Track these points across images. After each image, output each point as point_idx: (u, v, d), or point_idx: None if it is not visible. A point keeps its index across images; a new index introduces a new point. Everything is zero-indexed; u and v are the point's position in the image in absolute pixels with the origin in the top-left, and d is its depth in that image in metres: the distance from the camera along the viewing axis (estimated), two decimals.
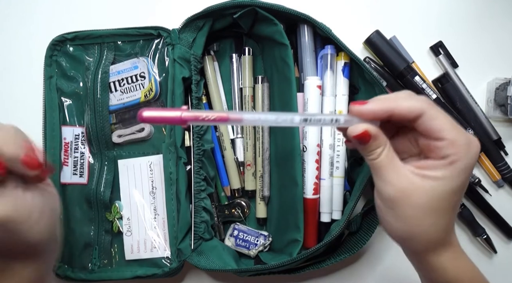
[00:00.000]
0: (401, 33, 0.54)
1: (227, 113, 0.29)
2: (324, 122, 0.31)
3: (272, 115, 0.30)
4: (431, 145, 0.30)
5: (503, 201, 0.54)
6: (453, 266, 0.32)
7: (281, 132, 0.50)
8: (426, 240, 0.31)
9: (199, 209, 0.49)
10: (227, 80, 0.54)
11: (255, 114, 0.30)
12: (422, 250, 0.32)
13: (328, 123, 0.31)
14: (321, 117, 0.31)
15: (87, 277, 0.50)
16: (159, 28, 0.50)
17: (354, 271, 0.54)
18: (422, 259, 0.32)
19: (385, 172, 0.31)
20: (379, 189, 0.31)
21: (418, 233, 0.31)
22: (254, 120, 0.30)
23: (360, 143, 0.31)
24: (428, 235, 0.31)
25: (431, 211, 0.30)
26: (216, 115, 0.28)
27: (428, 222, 0.30)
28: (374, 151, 0.31)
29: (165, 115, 0.29)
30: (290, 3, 0.48)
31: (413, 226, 0.31)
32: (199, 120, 0.28)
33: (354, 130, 0.31)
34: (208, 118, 0.28)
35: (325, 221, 0.50)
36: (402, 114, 0.30)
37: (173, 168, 0.49)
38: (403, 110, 0.30)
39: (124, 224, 0.51)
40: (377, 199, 0.33)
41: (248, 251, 0.51)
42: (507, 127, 0.55)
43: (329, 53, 0.49)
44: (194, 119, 0.28)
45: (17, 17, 0.56)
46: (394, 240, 0.34)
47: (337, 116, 0.31)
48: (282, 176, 0.51)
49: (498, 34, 0.55)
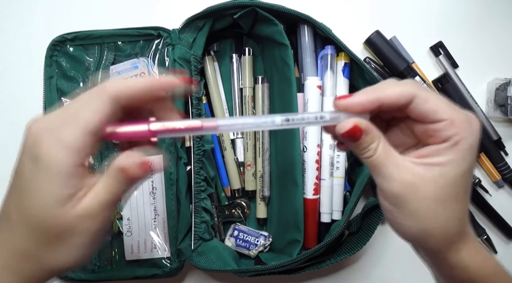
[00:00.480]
0: (401, 33, 0.54)
1: (201, 121, 0.26)
2: (308, 121, 0.28)
3: (250, 118, 0.28)
4: (429, 129, 0.28)
5: (503, 201, 0.54)
6: (475, 261, 0.29)
7: (281, 132, 0.50)
8: (443, 236, 0.28)
9: (199, 209, 0.49)
10: (227, 80, 0.54)
11: (232, 120, 0.27)
12: (440, 248, 0.29)
13: (313, 121, 0.29)
14: (304, 115, 0.28)
15: (87, 277, 0.50)
16: (159, 29, 0.50)
17: (354, 271, 0.54)
18: (441, 257, 0.29)
19: (385, 167, 0.28)
20: (382, 187, 0.29)
21: (434, 229, 0.28)
22: (230, 125, 0.27)
23: (351, 140, 0.28)
24: (446, 229, 0.28)
25: (444, 201, 0.27)
26: (187, 124, 0.26)
27: (444, 214, 0.28)
28: (368, 148, 0.28)
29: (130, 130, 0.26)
30: (290, 3, 0.48)
31: (427, 221, 0.28)
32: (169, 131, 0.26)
33: (342, 127, 0.28)
34: (179, 127, 0.26)
35: (325, 221, 0.50)
36: (392, 102, 0.27)
37: (173, 168, 0.49)
38: (393, 97, 0.27)
39: (124, 224, 0.51)
40: (382, 200, 0.30)
41: (248, 251, 0.51)
42: (507, 128, 0.55)
43: (329, 53, 0.49)
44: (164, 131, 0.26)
45: (17, 17, 0.56)
46: (407, 241, 0.31)
47: (322, 113, 0.28)
48: (282, 176, 0.51)
49: (498, 34, 0.55)
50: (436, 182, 0.27)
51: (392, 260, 0.54)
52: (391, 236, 0.54)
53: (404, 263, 0.54)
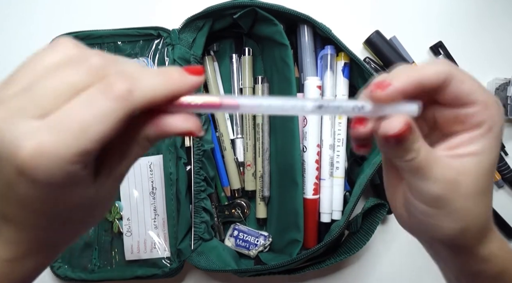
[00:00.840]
0: (401, 33, 0.54)
1: (219, 97, 0.23)
2: (343, 110, 0.24)
3: (277, 100, 0.23)
4: (461, 114, 0.24)
5: (503, 201, 0.54)
6: (502, 252, 0.27)
7: (281, 132, 0.50)
8: (478, 229, 0.26)
9: (199, 209, 0.49)
10: (227, 80, 0.54)
11: (255, 99, 0.23)
12: (474, 243, 0.26)
13: (349, 111, 0.24)
14: (342, 103, 0.24)
15: (87, 277, 0.50)
16: (159, 29, 0.50)
17: (354, 271, 0.54)
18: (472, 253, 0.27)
19: (429, 169, 0.24)
20: (420, 190, 0.25)
21: (472, 224, 0.25)
22: (253, 106, 0.23)
23: (397, 142, 0.23)
24: (482, 222, 0.26)
25: (482, 193, 0.25)
26: (204, 100, 0.22)
27: (481, 206, 0.25)
28: (411, 148, 0.23)
29: None
30: (290, 3, 0.48)
31: (468, 217, 0.25)
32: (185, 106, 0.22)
33: (391, 126, 0.22)
34: (196, 103, 0.22)
35: (325, 221, 0.50)
36: (432, 84, 0.23)
37: (173, 168, 0.49)
38: (432, 77, 0.23)
39: (124, 224, 0.51)
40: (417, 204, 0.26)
41: (248, 251, 0.51)
42: (507, 128, 0.55)
43: (329, 53, 0.49)
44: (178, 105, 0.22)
45: (17, 17, 0.56)
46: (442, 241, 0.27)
47: (362, 102, 0.23)
48: (282, 176, 0.51)
49: (498, 34, 0.55)
50: (475, 175, 0.24)
51: (392, 260, 0.54)
52: (391, 236, 0.54)
53: (404, 263, 0.54)
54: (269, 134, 0.52)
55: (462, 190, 0.24)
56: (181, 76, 0.22)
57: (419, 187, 0.25)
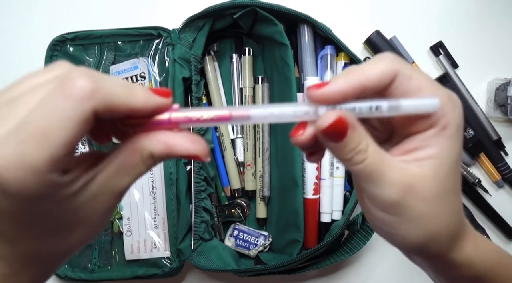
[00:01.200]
0: (401, 33, 0.54)
1: (229, 110, 0.22)
2: (359, 111, 0.23)
3: (288, 107, 0.22)
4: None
5: (503, 201, 0.54)
6: (478, 255, 0.26)
7: (281, 132, 0.50)
8: (447, 235, 0.25)
9: (199, 209, 0.49)
10: (227, 80, 0.54)
11: (266, 109, 0.22)
12: (445, 250, 0.25)
13: (365, 112, 0.23)
14: (356, 105, 0.23)
15: (87, 277, 0.50)
16: (159, 28, 0.50)
17: (354, 271, 0.54)
18: (445, 260, 0.26)
19: (381, 173, 0.23)
20: (375, 196, 0.24)
21: (440, 230, 0.24)
22: (264, 116, 0.23)
23: (334, 139, 0.22)
24: (450, 227, 0.24)
25: (444, 197, 0.24)
26: (214, 114, 0.22)
27: (446, 211, 0.24)
28: (356, 149, 0.22)
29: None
30: (290, 3, 0.48)
31: (432, 224, 0.24)
32: (193, 121, 0.22)
33: (324, 120, 0.22)
34: (205, 119, 0.22)
35: (325, 221, 0.50)
36: (376, 84, 0.22)
37: (173, 168, 0.49)
38: (375, 78, 0.22)
39: (124, 224, 0.51)
40: (375, 212, 0.25)
41: (248, 251, 0.51)
42: (507, 128, 0.55)
43: (329, 53, 0.49)
44: (187, 121, 0.22)
45: (17, 17, 0.56)
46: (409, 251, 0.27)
47: (378, 102, 0.22)
48: (282, 176, 0.51)
49: (499, 34, 0.55)
50: (434, 178, 0.23)
51: (392, 260, 0.54)
52: None
53: (404, 263, 0.54)
54: (269, 134, 0.52)
55: (420, 195, 0.23)
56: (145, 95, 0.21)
57: (374, 193, 0.23)
